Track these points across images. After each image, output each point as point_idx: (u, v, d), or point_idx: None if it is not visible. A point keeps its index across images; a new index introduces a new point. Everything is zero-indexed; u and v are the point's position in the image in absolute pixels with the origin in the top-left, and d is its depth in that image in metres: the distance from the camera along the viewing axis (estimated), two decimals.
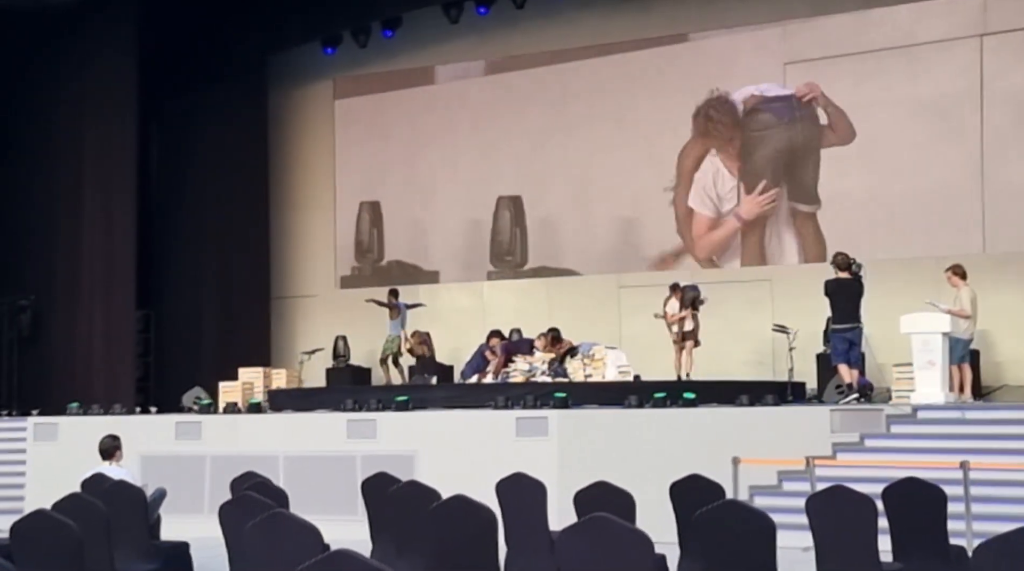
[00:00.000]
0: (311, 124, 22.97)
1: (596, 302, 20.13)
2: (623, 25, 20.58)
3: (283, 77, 22.98)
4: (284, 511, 6.79)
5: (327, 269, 22.56)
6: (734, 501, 7.91)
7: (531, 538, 9.23)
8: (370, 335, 20.97)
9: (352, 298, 21.73)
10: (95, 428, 13.29)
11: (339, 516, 12.48)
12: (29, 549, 6.88)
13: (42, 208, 19.86)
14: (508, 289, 21.40)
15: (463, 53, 21.93)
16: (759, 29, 19.85)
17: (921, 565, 8.22)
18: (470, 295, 21.69)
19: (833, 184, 19.30)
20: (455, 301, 21.73)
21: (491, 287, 21.54)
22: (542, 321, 19.04)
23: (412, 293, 21.24)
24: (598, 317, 19.48)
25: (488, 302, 21.41)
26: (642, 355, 17.50)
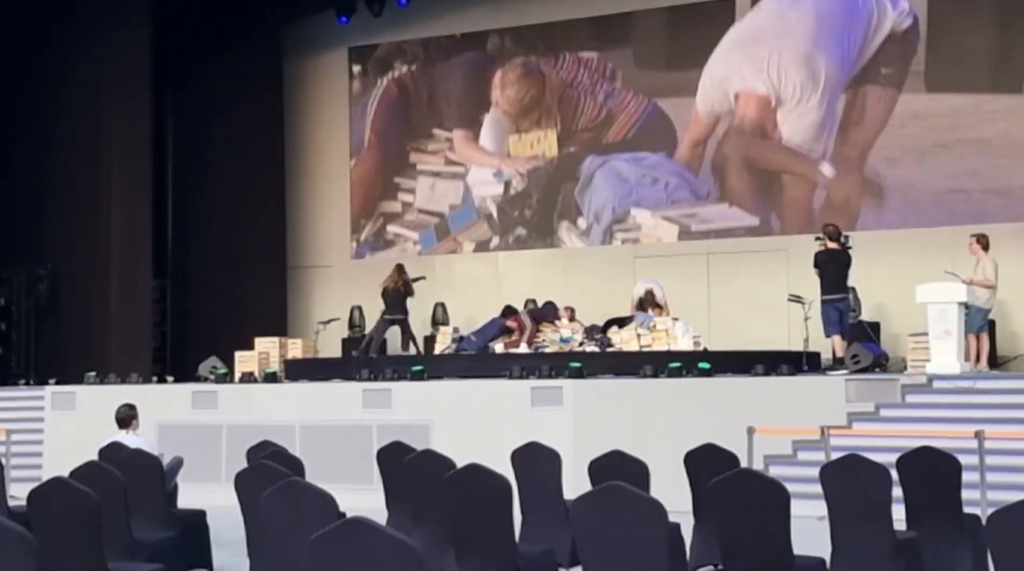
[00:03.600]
0: (326, 93, 22.93)
1: (611, 272, 20.11)
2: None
3: (297, 46, 22.95)
4: (300, 480, 6.82)
5: (343, 239, 22.57)
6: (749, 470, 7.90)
7: (546, 507, 9.26)
8: None
9: (368, 268, 21.75)
10: (112, 397, 13.35)
11: (355, 485, 12.55)
12: (47, 517, 6.92)
13: (59, 178, 19.90)
14: (524, 259, 21.39)
15: (479, 21, 21.85)
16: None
17: (935, 534, 8.22)
18: (485, 264, 21.70)
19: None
20: (470, 270, 21.74)
21: (507, 257, 21.53)
22: (558, 291, 19.04)
23: (427, 263, 21.26)
24: (615, 287, 19.44)
25: (503, 272, 21.41)
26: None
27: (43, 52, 19.95)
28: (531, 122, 21.58)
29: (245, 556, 8.01)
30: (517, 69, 21.71)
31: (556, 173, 21.33)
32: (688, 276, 19.47)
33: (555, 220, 21.29)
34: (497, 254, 21.55)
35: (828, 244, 15.33)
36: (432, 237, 22.21)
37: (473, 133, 22.02)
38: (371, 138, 22.76)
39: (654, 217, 20.43)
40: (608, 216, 20.81)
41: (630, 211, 20.64)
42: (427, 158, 22.33)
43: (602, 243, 20.78)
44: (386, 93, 22.68)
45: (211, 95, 21.97)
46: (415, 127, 22.46)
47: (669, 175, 20.46)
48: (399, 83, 22.66)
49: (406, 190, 22.42)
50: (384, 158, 22.67)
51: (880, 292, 17.93)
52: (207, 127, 21.94)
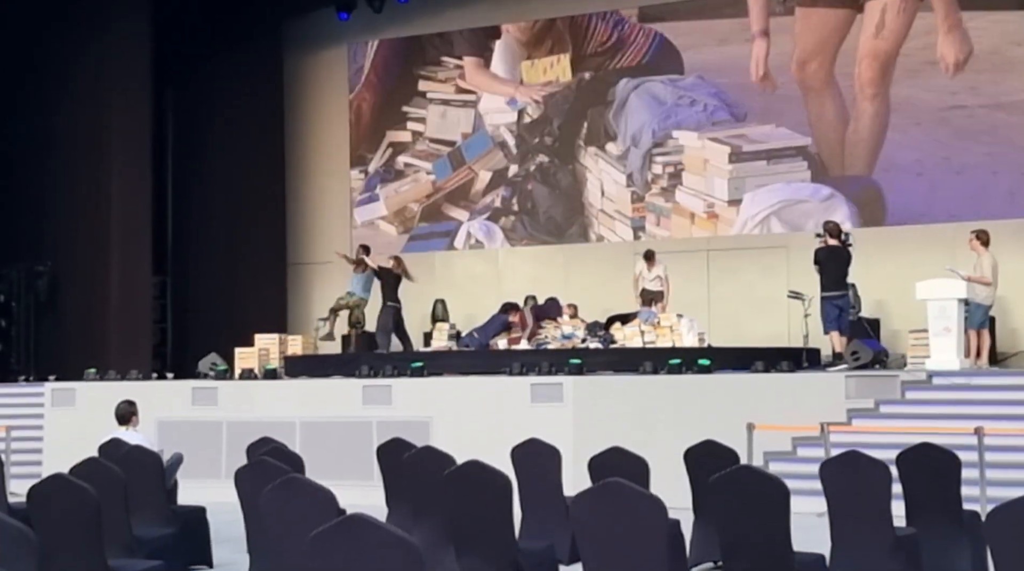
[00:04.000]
0: (326, 89, 22.92)
1: (612, 268, 20.09)
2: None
3: (298, 42, 22.93)
4: (300, 476, 6.82)
5: (343, 235, 22.56)
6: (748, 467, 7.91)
7: (546, 503, 9.27)
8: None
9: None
10: (112, 393, 13.35)
11: (355, 481, 12.55)
12: (47, 513, 6.92)
13: (59, 175, 19.89)
14: (524, 255, 21.38)
15: (478, 18, 21.83)
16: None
17: (934, 530, 8.23)
18: (485, 261, 21.69)
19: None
20: (470, 267, 21.73)
21: (507, 253, 21.52)
22: (558, 288, 19.03)
23: (427, 259, 21.24)
24: (615, 283, 19.44)
25: (503, 268, 21.41)
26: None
27: (43, 49, 19.94)
28: (544, 48, 21.37)
29: (245, 553, 8.01)
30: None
31: (580, 97, 21.10)
32: (688, 272, 19.46)
33: (579, 146, 21.11)
34: (497, 251, 21.54)
35: (828, 241, 15.35)
36: (446, 166, 22.06)
37: (484, 60, 21.91)
38: (375, 66, 22.63)
39: (700, 138, 20.10)
40: (648, 139, 20.45)
41: (671, 134, 20.38)
42: (436, 86, 22.19)
43: (640, 167, 20.43)
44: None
45: (211, 91, 21.96)
46: (424, 54, 22.35)
47: (707, 97, 20.17)
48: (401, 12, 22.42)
49: (415, 119, 22.32)
50: (390, 86, 22.56)
51: (880, 289, 17.92)
52: (207, 123, 21.94)
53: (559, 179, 21.29)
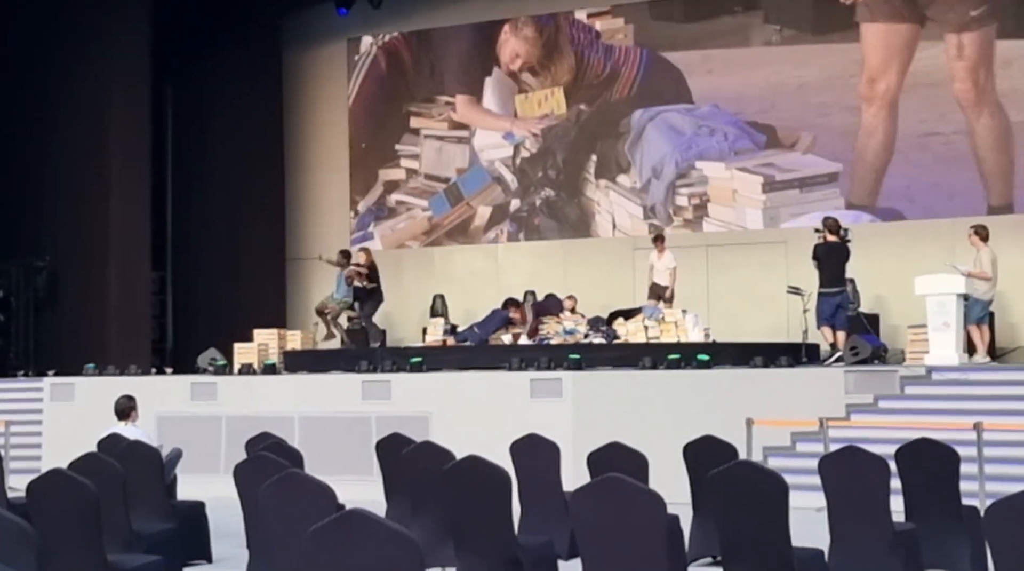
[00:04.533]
0: (325, 85, 22.91)
1: (611, 264, 20.09)
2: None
3: (297, 38, 22.92)
4: (299, 471, 6.83)
5: (342, 231, 22.55)
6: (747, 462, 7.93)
7: (545, 498, 9.27)
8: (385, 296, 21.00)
9: None
10: (111, 389, 13.35)
11: (354, 476, 12.54)
12: (46, 508, 6.92)
13: (58, 170, 19.88)
14: (523, 251, 21.38)
15: (478, 13, 21.81)
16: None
17: (933, 525, 8.24)
18: (484, 257, 21.69)
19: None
20: (469, 262, 21.73)
21: (506, 249, 21.52)
22: (557, 283, 19.03)
23: (427, 255, 21.24)
24: (614, 279, 19.45)
25: (503, 264, 21.41)
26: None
27: (43, 45, 19.93)
28: (538, 81, 21.28)
29: (244, 548, 8.02)
30: (527, 28, 21.43)
31: (583, 129, 20.94)
32: (687, 267, 19.40)
33: (585, 179, 20.95)
34: (496, 246, 21.53)
35: (828, 237, 15.34)
36: (443, 202, 21.97)
37: (475, 96, 21.86)
38: (358, 107, 22.64)
39: (728, 168, 19.79)
40: (671, 170, 20.19)
41: (694, 164, 20.12)
42: (429, 122, 22.09)
43: (664, 199, 20.19)
44: (375, 61, 22.57)
45: (210, 87, 21.95)
46: (413, 92, 22.26)
47: (726, 126, 19.94)
48: (388, 49, 22.51)
49: (408, 156, 22.27)
50: (378, 126, 22.50)
51: (879, 284, 17.92)
52: (206, 119, 21.93)
53: (567, 213, 21.10)
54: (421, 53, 22.27)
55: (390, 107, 22.41)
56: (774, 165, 19.65)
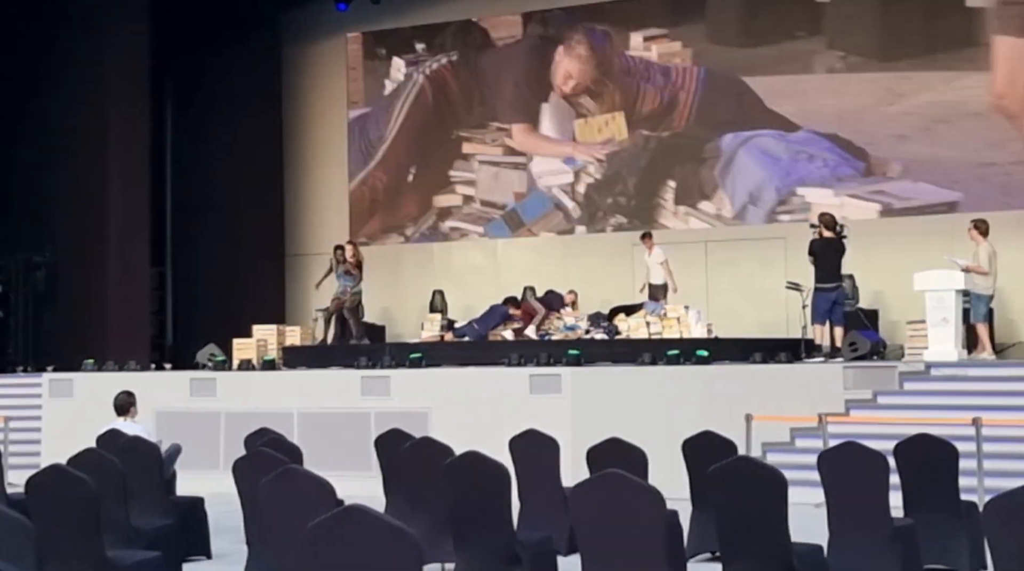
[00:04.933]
0: (324, 80, 22.90)
1: (611, 259, 20.09)
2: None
3: (296, 33, 22.92)
4: (298, 467, 6.83)
5: (341, 226, 22.54)
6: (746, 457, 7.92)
7: (544, 494, 9.27)
8: (383, 292, 21.02)
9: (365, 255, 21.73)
10: (110, 384, 13.35)
11: (353, 472, 12.54)
12: (45, 504, 6.92)
13: (57, 165, 19.86)
14: (523, 246, 21.37)
15: (477, 8, 21.79)
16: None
17: (932, 521, 8.24)
18: (484, 252, 21.68)
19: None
20: (469, 258, 21.73)
21: (505, 244, 21.51)
22: (557, 278, 19.03)
23: (426, 250, 21.24)
24: (613, 274, 19.45)
25: (502, 259, 21.41)
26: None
27: (42, 41, 19.90)
28: (596, 105, 20.83)
29: (243, 543, 8.03)
30: (581, 47, 20.99)
31: (660, 154, 20.39)
32: (686, 263, 19.43)
33: (658, 205, 20.45)
34: (496, 241, 21.52)
35: (823, 232, 15.33)
36: (503, 228, 21.59)
37: (531, 123, 21.40)
38: (405, 134, 22.16)
39: (838, 195, 19.05)
40: (771, 197, 19.60)
41: (795, 191, 19.51)
42: (484, 148, 21.69)
43: (766, 223, 19.69)
44: (421, 89, 22.10)
45: (209, 82, 21.95)
46: (462, 118, 21.85)
47: (824, 151, 19.34)
48: (434, 78, 22.07)
49: (463, 182, 21.85)
50: (428, 152, 22.03)
51: (878, 280, 17.93)
52: (206, 114, 21.92)
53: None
54: (470, 80, 21.85)
55: (439, 134, 21.99)
56: (884, 192, 18.94)
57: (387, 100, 22.40)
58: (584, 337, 16.28)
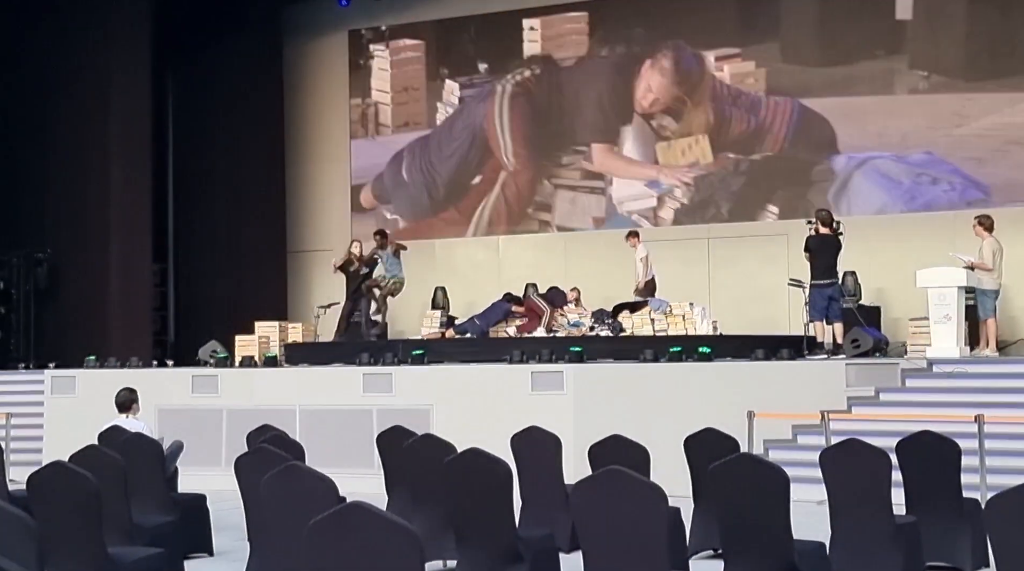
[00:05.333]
0: (326, 76, 22.89)
1: (613, 256, 20.06)
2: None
3: (298, 29, 22.91)
4: (300, 464, 6.82)
5: (343, 223, 22.55)
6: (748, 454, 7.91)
7: (546, 491, 9.28)
8: None
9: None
10: (112, 381, 13.35)
11: (355, 469, 12.56)
12: (46, 501, 6.92)
13: (59, 162, 19.87)
14: (525, 243, 21.35)
15: (479, 4, 21.76)
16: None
17: (934, 518, 8.24)
18: (486, 249, 21.67)
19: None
20: (471, 255, 21.72)
21: (507, 241, 21.49)
22: (559, 275, 19.02)
23: (427, 246, 21.22)
24: (616, 271, 19.41)
25: (504, 256, 21.40)
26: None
27: (44, 36, 19.90)
28: (679, 126, 20.11)
29: (245, 540, 8.02)
30: (666, 66, 20.29)
31: (758, 176, 19.67)
32: (688, 260, 19.46)
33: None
34: (498, 238, 21.50)
35: (820, 229, 15.32)
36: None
37: (611, 143, 20.77)
38: (514, 150, 21.45)
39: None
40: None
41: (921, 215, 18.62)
42: (561, 172, 21.10)
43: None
44: (513, 105, 21.49)
45: (211, 78, 21.93)
46: (545, 140, 21.26)
47: (948, 174, 18.49)
48: (517, 96, 21.47)
49: (540, 207, 21.37)
50: (523, 175, 21.45)
51: (881, 276, 17.92)
52: (207, 110, 21.91)
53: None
54: (551, 98, 21.18)
55: (533, 161, 21.36)
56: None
57: (448, 122, 21.95)
58: (589, 334, 16.28)
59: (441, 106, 22.11)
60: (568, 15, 21.21)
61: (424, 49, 22.20)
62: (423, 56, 22.24)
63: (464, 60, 21.99)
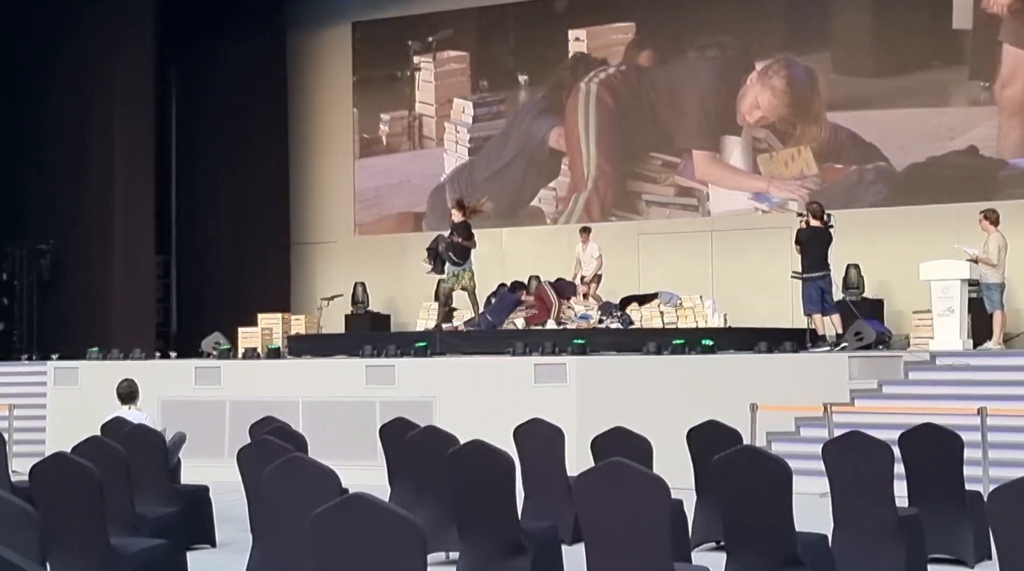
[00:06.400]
0: (329, 68, 22.86)
1: (615, 249, 20.03)
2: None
3: (301, 21, 22.86)
4: (302, 455, 6.83)
5: (346, 215, 22.54)
6: (751, 447, 7.92)
7: (548, 483, 9.28)
8: (388, 281, 21.03)
9: (371, 244, 21.77)
10: (115, 373, 13.36)
11: (358, 461, 12.55)
12: (49, 492, 6.93)
13: (62, 154, 19.87)
14: (528, 235, 21.32)
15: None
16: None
17: (937, 510, 8.24)
18: (489, 241, 21.60)
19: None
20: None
21: (511, 233, 21.45)
22: (563, 268, 19.00)
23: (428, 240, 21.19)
24: (618, 264, 19.40)
25: (508, 249, 21.37)
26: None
27: (46, 27, 19.88)
28: (779, 139, 19.26)
29: (248, 532, 8.02)
30: (778, 79, 19.38)
31: (899, 187, 18.54)
32: (692, 253, 19.42)
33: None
34: (501, 230, 21.44)
35: (811, 221, 15.32)
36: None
37: (712, 153, 19.86)
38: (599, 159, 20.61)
39: None
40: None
41: None
42: (650, 186, 20.21)
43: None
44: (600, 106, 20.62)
45: (214, 70, 21.91)
46: (631, 149, 20.34)
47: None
48: (602, 99, 20.60)
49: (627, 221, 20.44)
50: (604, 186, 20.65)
51: (884, 269, 17.89)
52: (210, 102, 21.89)
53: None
54: (651, 102, 20.21)
55: (618, 178, 20.52)
56: None
57: (498, 142, 21.44)
58: (599, 327, 16.28)
59: (450, 126, 21.76)
60: (614, 25, 20.62)
61: (468, 61, 21.74)
62: (467, 68, 21.74)
63: (504, 73, 21.43)
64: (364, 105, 22.59)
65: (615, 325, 16.26)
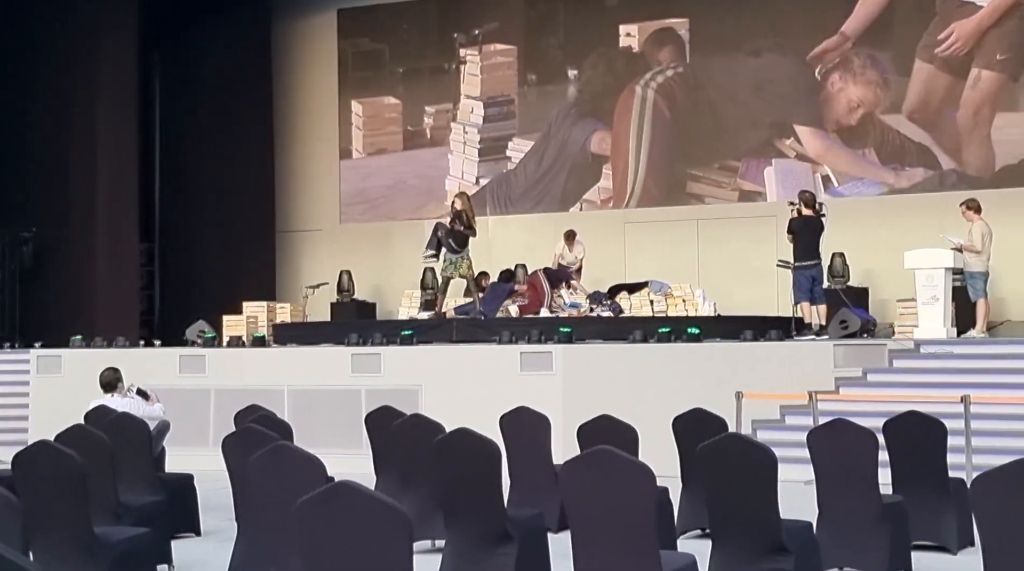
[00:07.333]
0: (315, 55, 22.79)
1: (601, 237, 20.03)
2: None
3: (286, 7, 22.78)
4: (288, 444, 6.81)
5: (332, 203, 22.49)
6: (736, 434, 7.93)
7: (535, 471, 9.29)
8: (374, 270, 20.99)
9: (356, 233, 21.72)
10: (98, 361, 13.31)
11: (343, 449, 12.54)
12: (32, 480, 6.91)
13: (44, 141, 19.79)
14: (514, 224, 21.30)
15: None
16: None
17: (920, 497, 8.27)
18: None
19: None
20: None
21: (497, 222, 21.43)
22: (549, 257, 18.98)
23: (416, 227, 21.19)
24: (604, 252, 19.39)
25: (494, 237, 21.34)
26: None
27: (29, 14, 19.78)
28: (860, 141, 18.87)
29: (232, 520, 8.01)
30: (868, 72, 18.87)
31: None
32: (678, 241, 19.43)
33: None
34: (487, 218, 21.39)
35: (803, 210, 15.35)
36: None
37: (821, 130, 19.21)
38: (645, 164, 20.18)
39: None
40: None
41: None
42: (710, 190, 19.86)
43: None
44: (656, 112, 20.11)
45: (199, 56, 21.82)
46: (689, 152, 19.99)
47: None
48: (660, 100, 20.10)
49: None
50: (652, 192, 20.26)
51: (869, 258, 17.93)
52: (195, 89, 21.81)
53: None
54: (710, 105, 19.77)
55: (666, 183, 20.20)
56: None
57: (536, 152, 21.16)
58: (590, 315, 16.28)
59: (457, 126, 21.58)
60: (667, 21, 20.20)
61: (516, 54, 21.35)
62: (515, 62, 21.36)
63: (553, 66, 21.12)
64: (408, 97, 22.10)
65: (606, 313, 16.26)
